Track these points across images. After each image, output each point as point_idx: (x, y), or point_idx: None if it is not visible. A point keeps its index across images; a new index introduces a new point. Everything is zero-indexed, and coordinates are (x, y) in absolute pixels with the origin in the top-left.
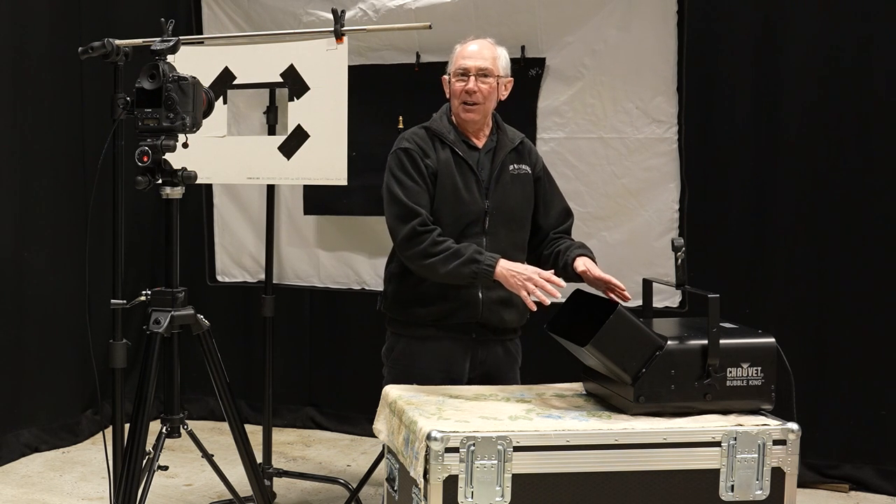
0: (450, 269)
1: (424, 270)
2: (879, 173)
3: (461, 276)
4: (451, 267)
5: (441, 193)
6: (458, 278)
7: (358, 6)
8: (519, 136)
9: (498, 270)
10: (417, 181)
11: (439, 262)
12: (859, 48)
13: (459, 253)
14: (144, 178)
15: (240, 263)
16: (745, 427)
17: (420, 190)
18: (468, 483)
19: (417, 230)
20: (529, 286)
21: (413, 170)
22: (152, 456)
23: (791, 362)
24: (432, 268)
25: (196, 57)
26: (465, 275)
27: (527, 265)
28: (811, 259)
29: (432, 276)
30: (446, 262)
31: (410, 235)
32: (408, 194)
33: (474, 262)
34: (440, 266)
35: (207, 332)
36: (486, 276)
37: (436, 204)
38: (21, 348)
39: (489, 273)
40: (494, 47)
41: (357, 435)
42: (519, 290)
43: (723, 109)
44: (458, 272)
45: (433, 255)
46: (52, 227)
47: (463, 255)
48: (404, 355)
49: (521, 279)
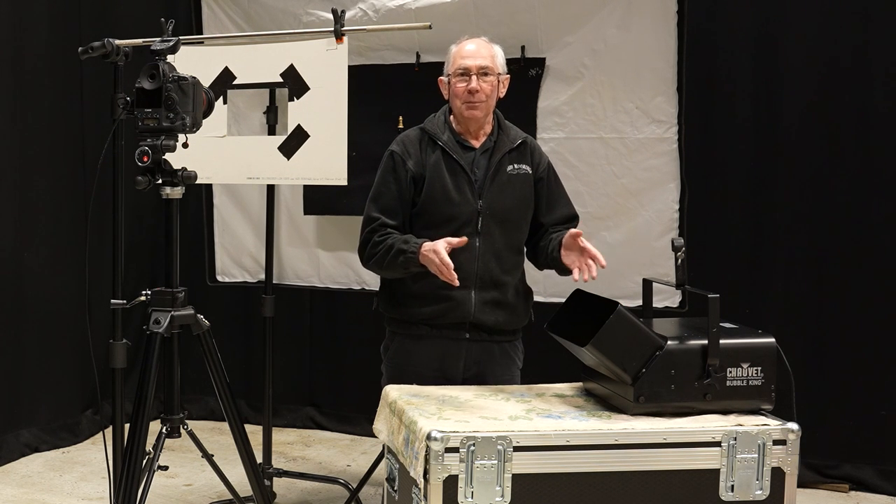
0: (387, 264)
1: (376, 271)
2: (879, 173)
3: (397, 267)
4: (387, 262)
5: (430, 194)
6: (397, 270)
7: (358, 6)
8: (522, 135)
9: (420, 257)
10: (392, 186)
11: (380, 260)
12: (859, 48)
13: (391, 247)
14: (144, 178)
15: (240, 263)
16: (745, 427)
17: (392, 194)
18: (468, 483)
19: (367, 237)
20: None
21: (391, 174)
22: (152, 456)
23: (791, 362)
24: (378, 267)
25: (196, 57)
26: (399, 265)
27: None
28: (811, 259)
29: (383, 274)
30: (383, 259)
31: (362, 243)
32: (377, 199)
33: (401, 252)
34: (381, 262)
35: (207, 332)
36: (412, 262)
37: (425, 205)
38: (21, 348)
39: (414, 259)
40: (491, 45)
41: (357, 435)
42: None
43: (723, 109)
44: (394, 265)
45: (374, 256)
46: (52, 227)
47: (393, 248)
48: (399, 353)
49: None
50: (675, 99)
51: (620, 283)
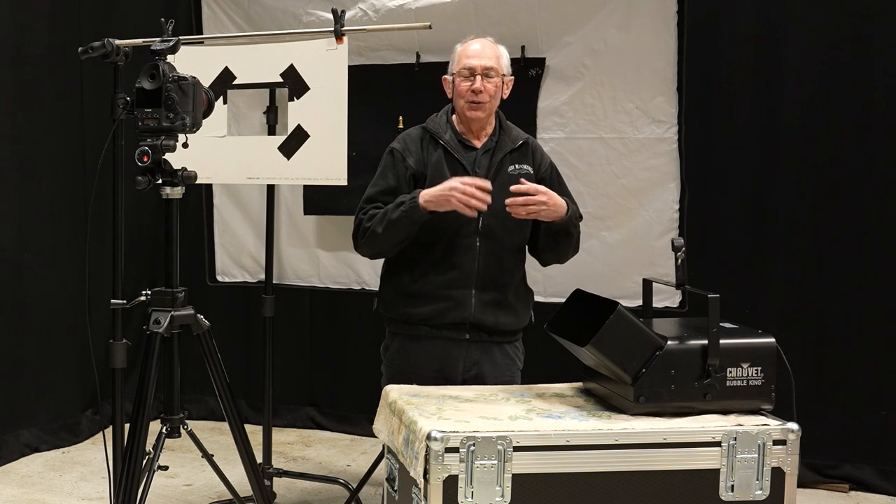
0: (385, 226)
1: (371, 245)
2: (879, 173)
3: (396, 223)
4: (385, 224)
5: None
6: (397, 227)
7: (358, 6)
8: (523, 136)
9: (421, 201)
10: (390, 181)
11: (375, 227)
12: (859, 48)
13: (387, 211)
14: (144, 178)
15: (240, 263)
16: (745, 427)
17: (389, 188)
18: (468, 483)
19: (359, 221)
20: (457, 195)
21: (391, 170)
22: (152, 456)
23: (791, 362)
24: (374, 238)
25: (196, 57)
26: (399, 220)
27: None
28: (811, 259)
29: (379, 244)
30: (380, 223)
31: (355, 229)
32: (372, 192)
33: (399, 205)
34: (378, 229)
35: (207, 332)
36: (413, 209)
37: None
38: (21, 348)
39: (415, 206)
40: (496, 46)
41: (357, 435)
42: (448, 204)
43: (723, 109)
44: (392, 222)
45: (369, 229)
46: (52, 227)
47: (389, 208)
48: (399, 354)
49: (446, 192)
50: (675, 99)
51: (620, 283)
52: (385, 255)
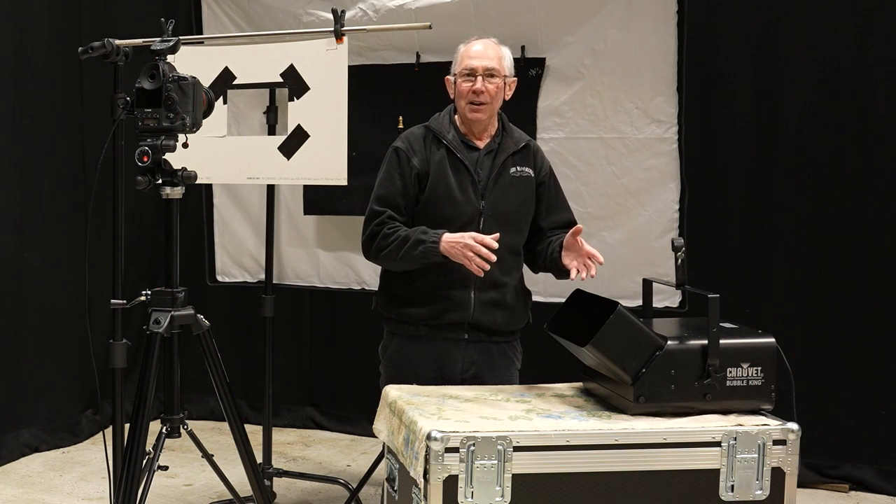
0: (402, 255)
1: (384, 263)
2: (879, 173)
3: (413, 258)
4: (402, 252)
5: (433, 193)
6: (413, 261)
7: (358, 6)
8: (525, 138)
9: (442, 245)
10: (397, 182)
11: (393, 252)
12: (859, 48)
13: (408, 238)
14: (144, 178)
15: (240, 263)
16: (745, 427)
17: (398, 189)
18: (468, 483)
19: (374, 230)
20: (469, 254)
21: (396, 170)
22: (152, 456)
23: (791, 362)
24: (389, 259)
25: (196, 57)
26: (416, 256)
27: (465, 233)
28: (811, 259)
29: (393, 266)
30: (398, 250)
31: (370, 236)
32: (382, 193)
33: (420, 242)
34: (394, 254)
35: (207, 332)
36: (433, 252)
37: (428, 204)
38: (21, 348)
39: (435, 249)
40: (499, 47)
41: (357, 435)
42: (461, 260)
43: (723, 109)
44: (410, 256)
45: (386, 248)
46: (52, 227)
47: (410, 239)
48: (398, 354)
49: (460, 248)
50: (675, 99)
51: (620, 283)
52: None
